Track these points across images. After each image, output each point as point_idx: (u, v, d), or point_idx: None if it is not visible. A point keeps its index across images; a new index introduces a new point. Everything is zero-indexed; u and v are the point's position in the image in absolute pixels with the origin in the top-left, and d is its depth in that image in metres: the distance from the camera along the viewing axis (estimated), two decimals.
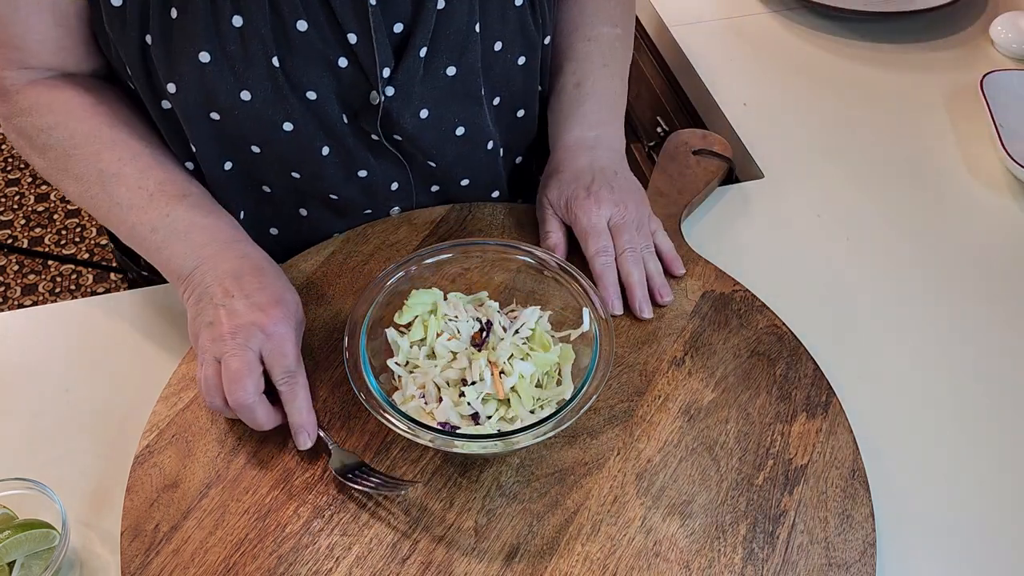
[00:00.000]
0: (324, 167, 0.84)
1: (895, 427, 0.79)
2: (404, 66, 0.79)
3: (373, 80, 0.78)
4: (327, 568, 0.66)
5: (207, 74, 0.75)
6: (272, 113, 0.78)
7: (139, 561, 0.66)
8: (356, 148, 0.84)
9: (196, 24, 0.73)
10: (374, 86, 0.79)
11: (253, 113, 0.78)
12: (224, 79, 0.75)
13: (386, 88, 0.79)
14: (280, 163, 0.83)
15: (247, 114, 0.78)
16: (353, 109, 0.81)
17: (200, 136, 0.80)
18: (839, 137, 1.07)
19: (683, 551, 0.68)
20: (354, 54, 0.77)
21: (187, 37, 0.73)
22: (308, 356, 0.79)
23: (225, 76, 0.75)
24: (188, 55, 0.74)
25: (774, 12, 1.27)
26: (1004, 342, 0.86)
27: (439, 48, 0.80)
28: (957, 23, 1.25)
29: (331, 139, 0.82)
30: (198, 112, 0.78)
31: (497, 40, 0.83)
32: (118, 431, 0.76)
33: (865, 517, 0.70)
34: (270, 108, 0.78)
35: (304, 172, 0.84)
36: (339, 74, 0.78)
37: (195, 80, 0.75)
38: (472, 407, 0.71)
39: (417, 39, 0.78)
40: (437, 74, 0.81)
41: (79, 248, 2.28)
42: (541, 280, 0.79)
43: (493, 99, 0.88)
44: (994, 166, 1.04)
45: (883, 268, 0.92)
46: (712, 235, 0.94)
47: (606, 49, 0.93)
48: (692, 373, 0.79)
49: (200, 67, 0.74)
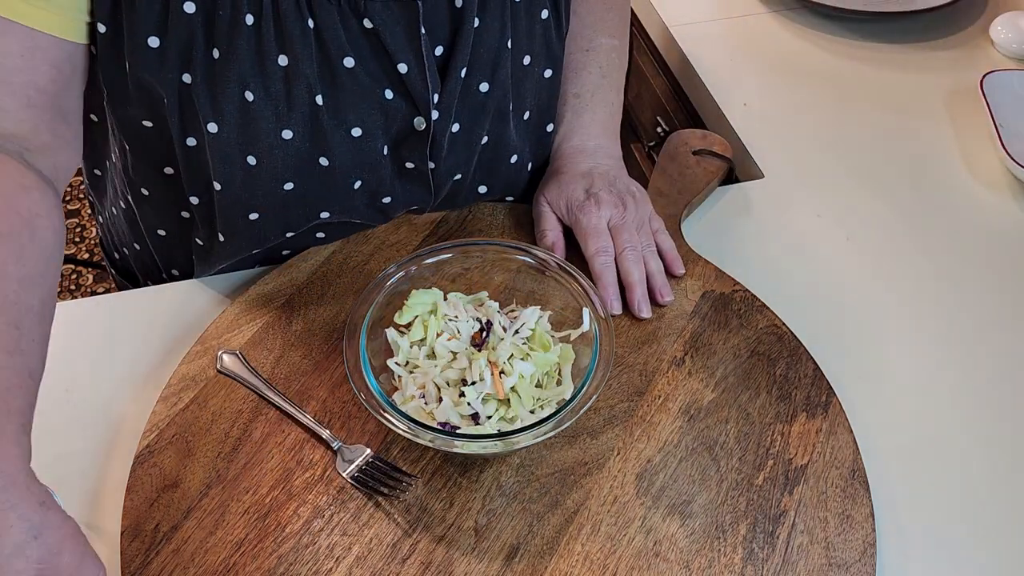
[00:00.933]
0: (352, 199, 0.83)
1: (895, 427, 0.79)
2: (448, 88, 0.79)
3: (423, 107, 0.78)
4: (327, 568, 0.66)
5: (250, 113, 0.74)
6: (310, 149, 0.77)
7: (139, 561, 0.66)
8: (388, 177, 0.83)
9: (241, 64, 0.72)
10: (422, 112, 0.78)
11: (292, 151, 0.77)
12: (267, 119, 0.74)
13: (432, 112, 0.79)
14: (309, 202, 0.82)
15: (286, 152, 0.77)
16: (396, 139, 0.81)
17: (230, 180, 0.78)
18: (839, 137, 1.07)
19: (683, 551, 0.68)
20: (403, 84, 0.77)
21: (231, 77, 0.72)
22: (308, 356, 0.79)
23: (268, 116, 0.74)
24: (232, 95, 0.73)
25: (774, 12, 1.27)
26: (1004, 342, 0.86)
27: (476, 67, 0.80)
28: (957, 23, 1.25)
29: (366, 171, 0.81)
30: (235, 153, 0.76)
31: (526, 54, 0.84)
32: (118, 431, 0.76)
33: (865, 517, 0.70)
34: (309, 144, 0.77)
35: (333, 209, 0.83)
36: (385, 107, 0.78)
37: (237, 119, 0.74)
38: (472, 407, 0.71)
39: (458, 60, 0.78)
40: (471, 90, 0.81)
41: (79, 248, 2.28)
42: (541, 280, 0.79)
43: (523, 114, 0.88)
44: (994, 166, 1.04)
45: (883, 268, 0.92)
46: (712, 235, 0.94)
47: (604, 61, 0.93)
48: (692, 373, 0.79)
49: (245, 106, 0.73)
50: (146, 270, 0.97)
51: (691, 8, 1.27)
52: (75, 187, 2.39)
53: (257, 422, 0.74)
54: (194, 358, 0.78)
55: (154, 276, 0.97)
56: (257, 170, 0.78)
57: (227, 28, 0.70)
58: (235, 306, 0.82)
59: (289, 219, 0.83)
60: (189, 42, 0.71)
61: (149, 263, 0.96)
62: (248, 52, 0.71)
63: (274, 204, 0.81)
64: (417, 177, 0.85)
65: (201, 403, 0.75)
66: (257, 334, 0.80)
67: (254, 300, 0.83)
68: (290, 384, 0.77)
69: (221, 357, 0.78)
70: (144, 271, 0.98)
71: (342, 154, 0.79)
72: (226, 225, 0.82)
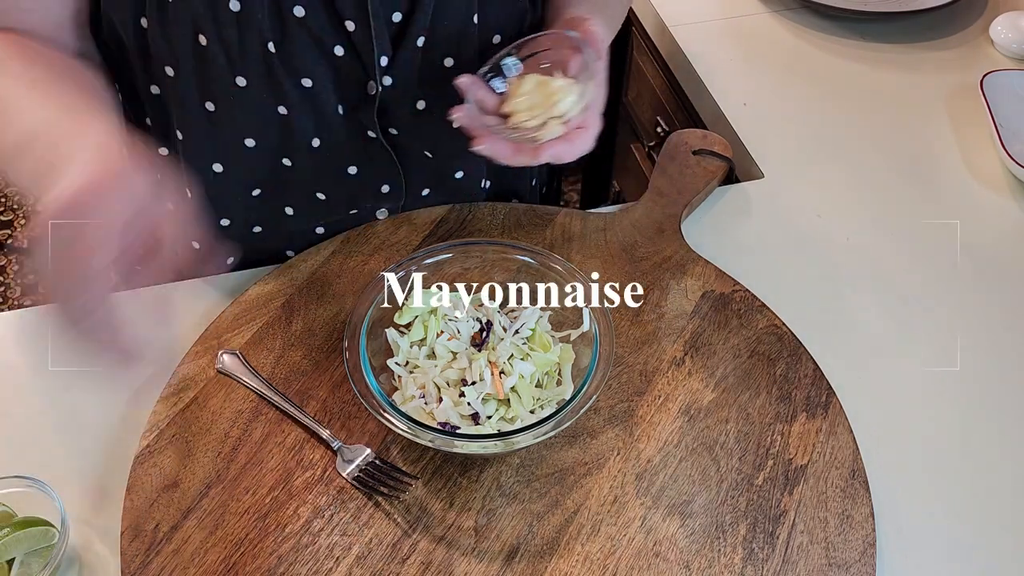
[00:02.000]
0: (315, 159, 0.84)
1: (895, 427, 0.79)
2: (401, 56, 0.79)
3: (370, 69, 0.78)
4: (327, 568, 0.66)
5: (205, 58, 0.75)
6: (266, 98, 0.78)
7: (139, 561, 0.66)
8: (349, 143, 0.84)
9: (193, 7, 0.73)
10: (371, 76, 0.79)
11: (247, 100, 0.78)
12: (220, 65, 0.75)
13: (383, 78, 0.79)
14: (271, 153, 0.83)
15: (241, 101, 0.78)
16: (350, 101, 0.81)
17: (194, 130, 0.80)
18: (839, 137, 1.07)
19: (683, 551, 0.68)
20: (351, 42, 0.77)
21: (185, 20, 0.73)
22: (308, 356, 0.79)
23: (221, 62, 0.75)
24: (187, 38, 0.74)
25: (774, 12, 1.27)
26: (1004, 342, 0.86)
27: (437, 39, 0.80)
28: (957, 23, 1.25)
29: (324, 130, 0.82)
30: (193, 100, 0.78)
31: (496, 33, 0.83)
32: (118, 431, 0.76)
33: (865, 517, 0.70)
34: (264, 93, 0.78)
35: (295, 161, 0.84)
36: (336, 62, 0.78)
37: (193, 64, 0.75)
38: (472, 407, 0.71)
39: (415, 28, 0.78)
40: (435, 65, 0.81)
41: None
42: (541, 280, 0.79)
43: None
44: (994, 166, 1.04)
45: (883, 268, 0.92)
46: (712, 235, 0.94)
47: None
48: (692, 373, 0.79)
49: (199, 50, 0.74)
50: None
51: (691, 8, 1.27)
52: None
53: (257, 422, 0.74)
54: (194, 358, 0.78)
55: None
56: (216, 117, 0.79)
57: None
58: (235, 306, 0.82)
59: (253, 176, 0.84)
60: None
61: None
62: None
63: (237, 157, 0.82)
64: (380, 149, 0.85)
65: (201, 403, 0.75)
66: (257, 334, 0.80)
67: (254, 300, 0.83)
68: (290, 384, 0.77)
69: (221, 357, 0.78)
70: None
71: (297, 105, 0.79)
72: (193, 181, 0.83)
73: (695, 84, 1.18)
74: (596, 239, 0.89)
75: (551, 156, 0.70)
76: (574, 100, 0.70)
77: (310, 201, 0.88)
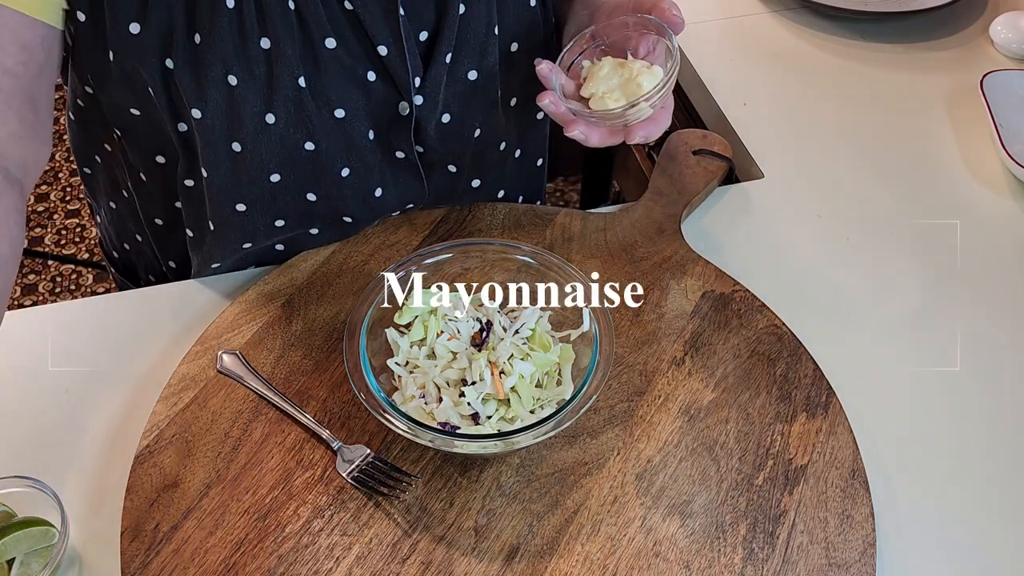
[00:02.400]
0: (342, 188, 0.83)
1: (895, 427, 0.79)
2: (431, 73, 0.79)
3: (404, 91, 0.78)
4: (327, 568, 0.66)
5: (234, 98, 0.73)
6: (295, 133, 0.77)
7: (139, 561, 0.66)
8: (376, 166, 0.83)
9: (223, 47, 0.71)
10: (404, 97, 0.79)
11: (276, 136, 0.77)
12: (250, 103, 0.74)
13: (416, 97, 0.79)
14: (297, 189, 0.82)
15: (270, 138, 0.77)
16: (381, 123, 0.81)
17: (216, 167, 0.78)
18: (839, 137, 1.07)
19: (683, 551, 0.68)
20: (384, 67, 0.77)
21: (214, 61, 0.72)
22: (308, 356, 0.79)
23: (251, 100, 0.74)
24: (216, 79, 0.72)
25: (774, 12, 1.27)
26: (1004, 342, 0.86)
27: (461, 53, 0.80)
28: (957, 23, 1.25)
29: (353, 158, 0.81)
30: (220, 140, 0.76)
31: (514, 41, 0.84)
32: (118, 431, 0.76)
33: (865, 517, 0.70)
34: (292, 128, 0.77)
35: (320, 194, 0.83)
36: (368, 89, 0.78)
37: (222, 104, 0.74)
38: (472, 407, 0.71)
39: (443, 45, 0.78)
40: (459, 78, 0.81)
41: (79, 248, 2.28)
42: (541, 280, 0.79)
43: (510, 100, 0.88)
44: (994, 166, 1.04)
45: (883, 268, 0.92)
46: (712, 235, 0.94)
47: None
48: (692, 373, 0.79)
49: (229, 90, 0.73)
50: (147, 263, 0.97)
51: (691, 8, 1.27)
52: (75, 187, 2.39)
53: (257, 422, 0.74)
54: (194, 358, 0.78)
55: (154, 270, 0.97)
56: (242, 157, 0.78)
57: (208, 12, 0.71)
58: (235, 306, 0.82)
59: (278, 209, 0.83)
60: (170, 27, 0.71)
61: (149, 256, 0.96)
62: (230, 35, 0.71)
63: (262, 195, 0.81)
64: (408, 168, 0.85)
65: (201, 403, 0.75)
66: (257, 334, 0.80)
67: (254, 300, 0.83)
68: (290, 384, 0.77)
69: (221, 357, 0.78)
70: (145, 264, 0.98)
71: (327, 137, 0.79)
72: (215, 214, 0.82)
73: (695, 84, 1.18)
74: (596, 239, 0.89)
75: (642, 137, 0.72)
76: (660, 82, 0.71)
77: (336, 224, 0.87)
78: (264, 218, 0.83)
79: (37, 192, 2.39)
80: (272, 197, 0.81)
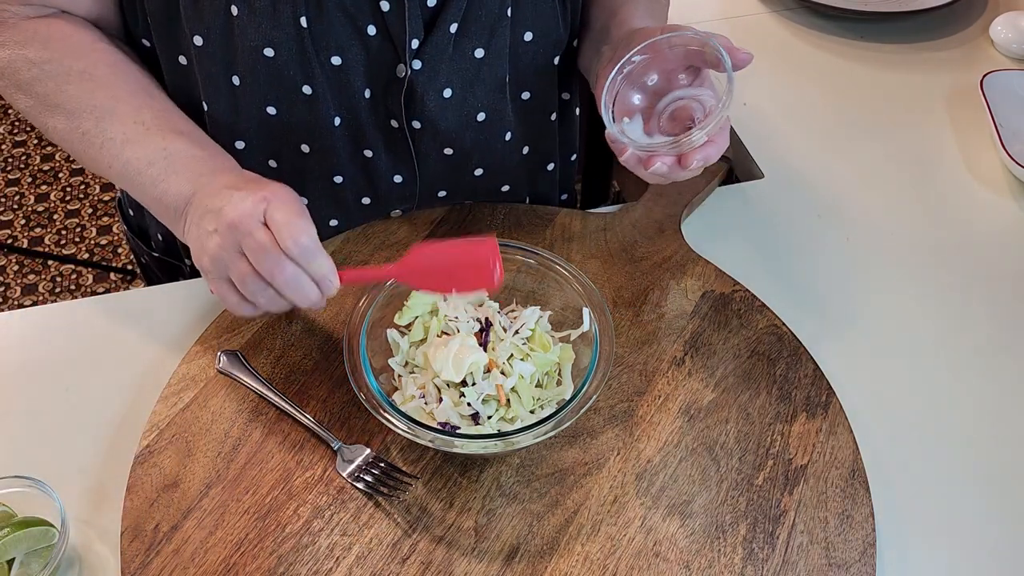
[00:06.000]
0: (334, 139, 0.84)
1: (895, 427, 0.79)
2: (433, 40, 0.79)
3: (401, 51, 0.79)
4: (327, 568, 0.66)
5: (234, 28, 0.75)
6: (293, 74, 0.79)
7: (139, 561, 0.66)
8: (369, 126, 0.84)
9: None
10: (401, 58, 0.79)
11: (275, 71, 0.78)
12: (249, 35, 0.76)
13: (413, 61, 0.80)
14: (292, 134, 0.83)
15: (268, 72, 0.78)
16: (378, 84, 0.82)
17: (217, 102, 0.80)
18: (839, 137, 1.07)
19: (683, 551, 0.68)
20: (384, 23, 0.78)
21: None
22: (308, 356, 0.79)
23: (250, 32, 0.75)
24: (217, 7, 0.74)
25: (774, 12, 1.27)
26: (1004, 342, 0.86)
27: (469, 28, 0.80)
28: (957, 23, 1.25)
29: (347, 111, 0.82)
30: (219, 71, 0.78)
31: (528, 30, 0.84)
32: (118, 431, 0.76)
33: (865, 517, 0.70)
34: (292, 68, 0.78)
35: (314, 145, 0.84)
36: (367, 43, 0.79)
37: (222, 33, 0.76)
38: (472, 407, 0.71)
39: (448, 14, 0.79)
40: (465, 54, 0.81)
41: (79, 248, 2.27)
42: (541, 280, 0.79)
43: (521, 93, 0.88)
44: (994, 166, 1.04)
45: (883, 268, 0.92)
46: (712, 235, 0.94)
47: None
48: (692, 373, 0.79)
49: (229, 20, 0.75)
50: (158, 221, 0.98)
51: (691, 8, 1.27)
52: (75, 187, 2.39)
53: (257, 422, 0.74)
54: (194, 358, 0.78)
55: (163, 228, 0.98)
56: (241, 90, 0.79)
57: None
58: None
59: (273, 149, 0.85)
60: None
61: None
62: None
63: (259, 130, 0.83)
64: (400, 140, 0.85)
65: (201, 403, 0.75)
66: (257, 334, 0.80)
67: None
68: (290, 384, 0.77)
69: (221, 357, 0.78)
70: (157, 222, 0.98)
71: (323, 83, 0.80)
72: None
73: None
74: (596, 239, 0.89)
75: (701, 160, 0.74)
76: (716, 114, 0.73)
77: (328, 188, 0.88)
78: (260, 156, 0.85)
79: (37, 192, 2.39)
80: (268, 134, 0.83)
